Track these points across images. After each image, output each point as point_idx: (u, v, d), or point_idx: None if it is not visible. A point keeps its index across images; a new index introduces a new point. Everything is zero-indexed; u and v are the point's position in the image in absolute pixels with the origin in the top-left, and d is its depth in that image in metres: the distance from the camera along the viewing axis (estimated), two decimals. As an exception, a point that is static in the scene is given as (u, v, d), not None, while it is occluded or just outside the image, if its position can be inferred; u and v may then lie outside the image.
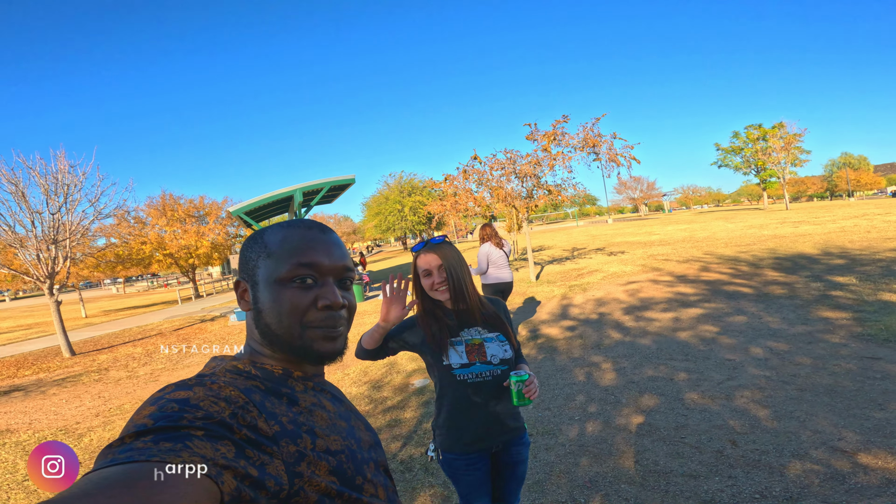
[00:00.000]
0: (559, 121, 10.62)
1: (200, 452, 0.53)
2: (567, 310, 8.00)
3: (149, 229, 24.48)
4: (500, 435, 1.79)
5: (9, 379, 7.70)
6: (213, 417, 0.58)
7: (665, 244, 15.77)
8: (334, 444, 0.74)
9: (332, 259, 0.81)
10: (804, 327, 5.31)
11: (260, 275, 0.79)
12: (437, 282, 1.75)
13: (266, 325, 0.78)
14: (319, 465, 0.69)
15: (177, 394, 0.61)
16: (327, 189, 14.50)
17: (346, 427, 0.82)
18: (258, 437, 0.61)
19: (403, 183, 38.05)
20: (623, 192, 74.29)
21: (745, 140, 38.94)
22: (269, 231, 0.82)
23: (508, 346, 1.79)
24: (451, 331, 1.79)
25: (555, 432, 3.58)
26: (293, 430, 0.68)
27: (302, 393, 0.78)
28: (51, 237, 9.16)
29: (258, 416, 0.64)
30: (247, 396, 0.66)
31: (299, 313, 0.77)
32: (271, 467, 0.61)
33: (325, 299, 0.78)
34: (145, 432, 0.54)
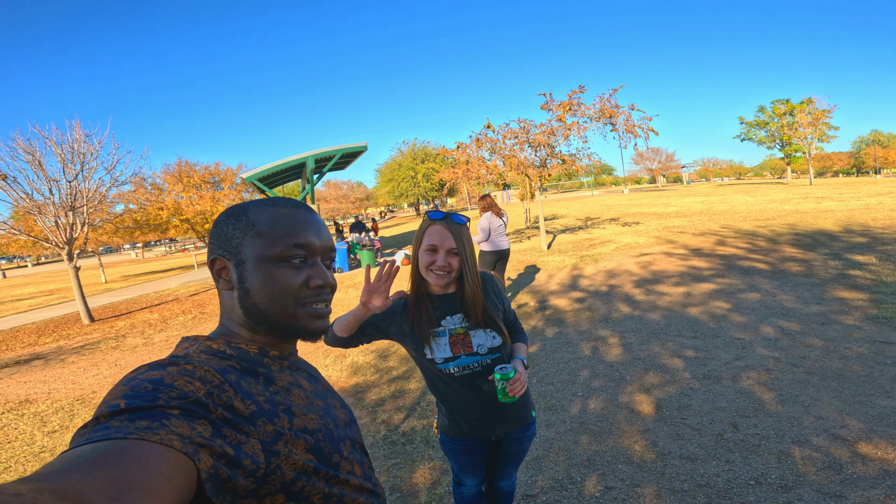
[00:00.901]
0: (575, 91, 10.32)
1: (177, 431, 0.53)
2: (577, 281, 7.95)
3: (165, 195, 24.78)
4: (500, 425, 1.71)
5: (30, 347, 7.94)
6: (188, 397, 0.58)
7: (681, 216, 15.44)
8: (311, 423, 0.75)
9: (321, 238, 0.82)
10: (818, 307, 5.20)
11: (247, 253, 0.77)
12: (439, 264, 1.54)
13: (254, 305, 0.77)
14: (297, 444, 0.70)
15: (150, 374, 0.61)
16: (339, 156, 14.42)
17: (322, 406, 0.83)
18: (234, 417, 0.62)
19: (417, 150, 38.02)
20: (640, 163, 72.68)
21: (771, 115, 37.76)
22: (255, 208, 0.80)
23: (495, 331, 1.65)
24: (431, 320, 1.63)
25: (556, 408, 3.59)
26: (270, 409, 0.69)
27: (278, 372, 0.78)
28: (68, 204, 9.36)
29: (234, 395, 0.65)
30: (222, 376, 0.66)
31: (293, 292, 0.78)
32: (248, 446, 0.61)
33: (318, 279, 0.80)
34: (120, 412, 0.54)
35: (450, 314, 1.63)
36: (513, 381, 1.51)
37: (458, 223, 1.58)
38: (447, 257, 1.54)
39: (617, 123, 10.26)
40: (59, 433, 4.14)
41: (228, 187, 26.15)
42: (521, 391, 1.52)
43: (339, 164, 16.44)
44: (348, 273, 13.19)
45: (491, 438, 1.74)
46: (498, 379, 1.52)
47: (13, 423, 4.43)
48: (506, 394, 1.51)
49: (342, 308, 8.03)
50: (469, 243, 1.60)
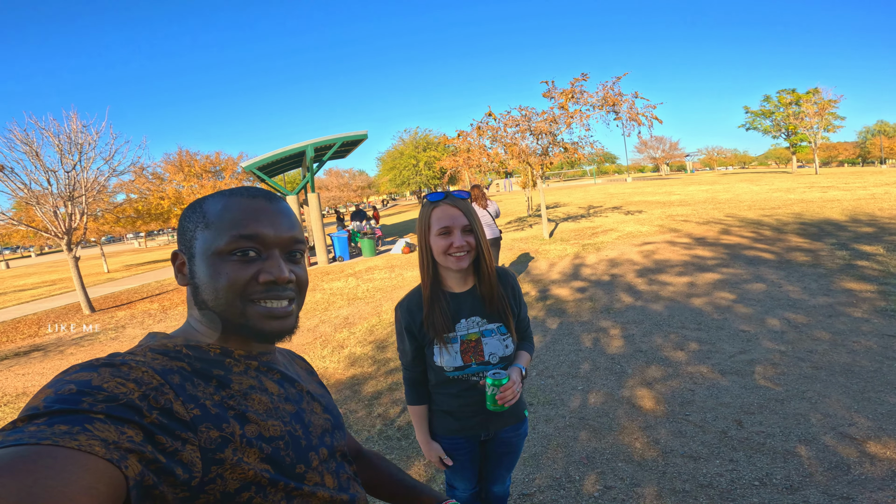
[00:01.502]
0: (578, 79, 10.21)
1: (101, 436, 0.49)
2: (579, 270, 7.86)
3: (166, 185, 24.83)
4: (491, 426, 1.64)
5: (30, 338, 7.91)
6: (117, 399, 0.54)
7: (685, 205, 15.26)
8: (272, 430, 0.70)
9: (277, 230, 0.75)
10: (825, 299, 5.09)
11: (197, 247, 0.73)
12: (457, 245, 1.42)
13: (203, 302, 0.73)
14: (249, 452, 0.65)
15: (79, 375, 0.56)
16: (339, 144, 14.24)
17: (292, 411, 0.76)
18: (171, 423, 0.58)
19: (418, 138, 37.98)
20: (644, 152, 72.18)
21: (777, 104, 37.57)
22: (210, 199, 0.75)
23: (510, 339, 1.55)
24: (447, 322, 1.52)
25: (556, 402, 3.52)
26: (218, 413, 0.64)
27: (239, 374, 0.73)
28: (67, 194, 9.33)
29: (174, 399, 0.60)
30: (162, 378, 0.61)
31: (238, 288, 0.71)
32: (184, 454, 0.57)
33: (268, 273, 0.73)
34: (38, 415, 0.50)
35: (466, 316, 1.54)
36: (504, 389, 1.41)
37: (462, 199, 1.50)
38: (463, 236, 1.45)
39: (620, 111, 10.15)
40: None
41: (229, 176, 26.23)
42: (511, 401, 1.43)
43: (340, 153, 16.27)
44: (349, 262, 13.14)
45: (480, 437, 1.67)
46: (489, 384, 1.42)
47: (9, 417, 4.40)
48: (495, 401, 1.42)
49: (345, 299, 7.97)
50: (478, 218, 1.51)
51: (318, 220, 13.61)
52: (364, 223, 15.71)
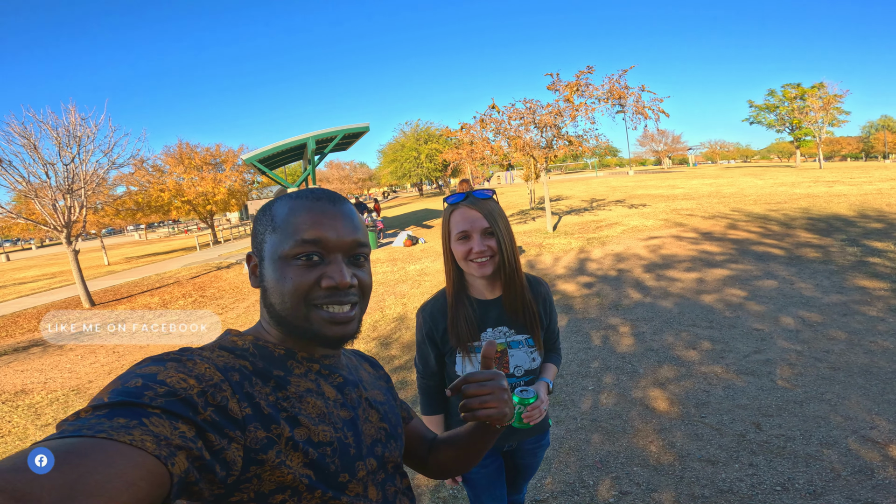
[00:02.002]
0: (583, 71, 10.07)
1: (155, 431, 0.50)
2: (584, 264, 7.77)
3: (167, 177, 24.83)
4: (513, 438, 1.57)
5: (29, 333, 7.85)
6: (177, 394, 0.56)
7: (689, 198, 15.14)
8: (321, 435, 0.70)
9: (339, 234, 0.75)
10: (839, 296, 5.00)
11: (266, 250, 0.75)
12: (476, 250, 1.34)
13: (271, 305, 0.74)
14: (293, 456, 0.65)
15: (147, 368, 0.58)
16: (341, 137, 14.15)
17: (347, 417, 0.76)
18: (223, 420, 0.59)
19: (420, 131, 37.89)
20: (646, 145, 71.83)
21: (782, 98, 37.50)
22: (278, 203, 0.77)
23: (537, 352, 1.46)
24: (472, 329, 1.43)
25: (567, 403, 3.44)
26: (270, 414, 0.65)
27: (299, 377, 0.74)
28: (66, 187, 9.26)
29: (231, 396, 0.62)
30: (223, 375, 0.63)
31: (302, 293, 0.72)
32: (228, 453, 0.58)
33: (330, 279, 0.73)
34: (102, 406, 0.52)
35: (492, 325, 1.45)
36: (531, 408, 1.32)
37: (483, 199, 1.39)
38: (483, 240, 1.35)
39: (626, 105, 10.03)
40: (52, 426, 4.03)
41: (230, 168, 26.15)
42: (537, 419, 1.35)
43: (341, 145, 16.16)
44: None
45: (503, 449, 1.59)
46: (516, 403, 1.32)
47: (7, 416, 4.34)
48: (521, 419, 1.34)
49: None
50: (503, 219, 1.40)
51: (319, 213, 13.52)
52: (365, 216, 15.63)
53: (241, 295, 9.22)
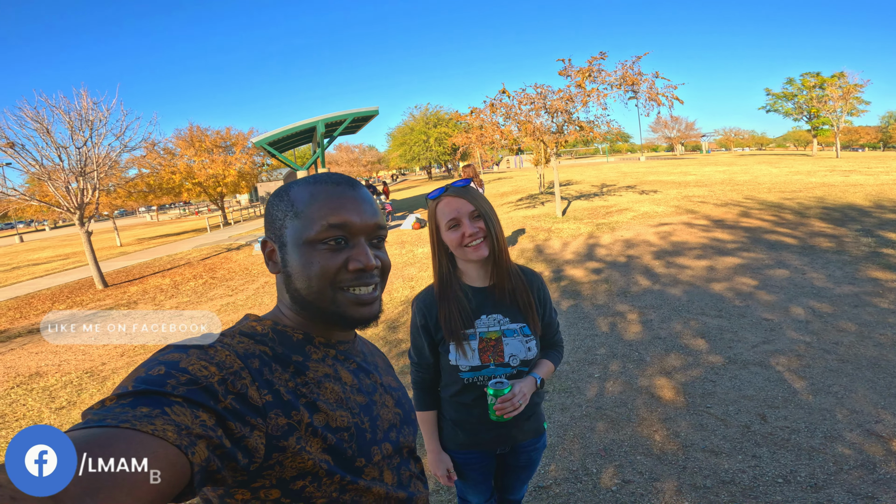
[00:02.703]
0: (595, 57, 9.89)
1: (177, 420, 0.51)
2: (593, 250, 7.72)
3: (178, 160, 25.07)
4: (507, 440, 1.54)
5: (43, 314, 7.91)
6: (198, 382, 0.57)
7: (701, 185, 14.91)
8: (339, 421, 0.71)
9: (363, 217, 0.76)
10: (851, 287, 4.93)
11: (288, 235, 0.74)
12: (469, 233, 1.34)
13: (296, 290, 0.75)
14: (312, 441, 0.66)
15: (170, 356, 0.59)
16: (350, 120, 14.09)
17: (363, 402, 0.77)
18: (243, 408, 0.59)
19: (429, 115, 37.73)
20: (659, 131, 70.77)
21: (800, 87, 36.75)
22: (296, 187, 0.77)
23: (533, 341, 1.44)
24: (467, 317, 1.42)
25: (572, 390, 3.45)
26: (290, 400, 0.66)
27: (317, 362, 0.75)
28: (78, 169, 9.35)
29: (251, 384, 0.62)
30: (243, 362, 0.64)
31: (329, 277, 0.73)
32: (250, 440, 0.59)
33: (357, 261, 0.74)
34: (126, 395, 0.53)
35: (486, 312, 1.44)
36: (502, 400, 1.31)
37: (462, 187, 1.41)
38: (473, 223, 1.36)
39: (639, 91, 9.87)
40: (66, 409, 4.13)
41: (240, 151, 26.31)
42: (511, 414, 1.32)
43: (350, 129, 16.09)
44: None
45: (496, 451, 1.58)
46: (490, 395, 1.32)
47: (22, 399, 4.42)
48: (494, 412, 1.33)
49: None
50: (485, 201, 1.42)
51: (328, 196, 13.56)
52: (374, 198, 15.61)
53: (251, 276, 9.30)
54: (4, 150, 8.81)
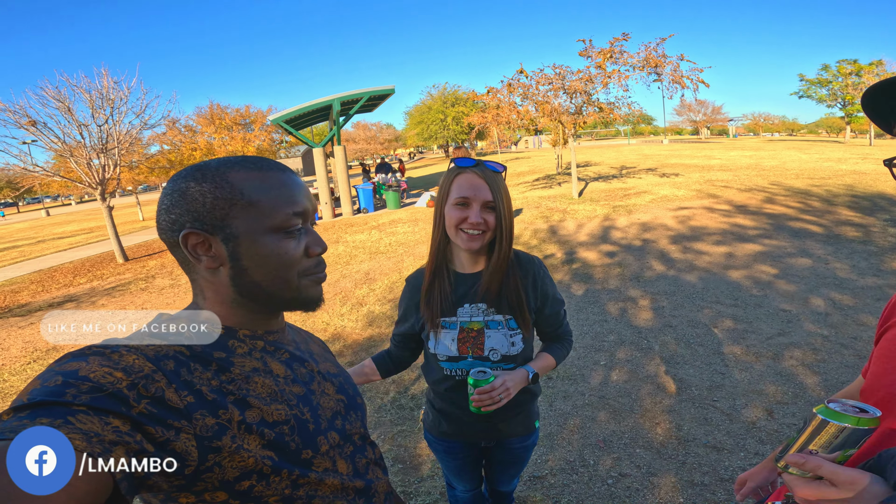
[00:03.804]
0: (617, 38, 9.57)
1: (84, 428, 0.48)
2: (608, 232, 7.57)
3: (198, 136, 25.59)
4: (492, 434, 1.47)
5: (65, 288, 8.12)
6: (102, 390, 0.53)
7: (726, 170, 14.44)
8: (275, 415, 0.68)
9: (311, 202, 0.76)
10: (875, 279, 4.71)
11: (240, 227, 0.68)
12: (472, 221, 1.24)
13: (254, 283, 0.71)
14: (248, 439, 0.64)
15: (68, 365, 0.55)
16: (366, 99, 13.94)
17: (300, 393, 0.75)
18: (161, 411, 0.57)
19: (447, 94, 37.48)
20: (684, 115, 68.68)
21: (836, 73, 35.25)
22: (236, 173, 0.69)
23: (518, 336, 1.33)
24: (447, 304, 1.34)
25: (576, 378, 3.40)
26: (215, 399, 0.63)
27: (242, 356, 0.71)
28: (100, 146, 9.54)
29: (167, 386, 0.59)
30: (154, 364, 0.60)
31: (295, 265, 0.72)
32: (177, 443, 0.56)
33: (318, 246, 0.75)
34: (22, 408, 0.50)
35: (471, 301, 1.34)
36: (480, 392, 1.22)
37: (493, 171, 1.29)
38: (482, 212, 1.25)
39: (663, 73, 9.56)
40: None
41: (259, 129, 26.60)
42: (490, 407, 1.24)
43: (367, 107, 15.94)
44: (373, 214, 13.12)
45: (480, 444, 1.53)
46: (469, 385, 1.24)
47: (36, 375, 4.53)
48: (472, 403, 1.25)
49: (367, 253, 7.91)
50: (507, 198, 1.30)
51: (343, 171, 13.59)
52: (389, 176, 15.58)
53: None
54: (27, 127, 9.01)
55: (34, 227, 23.92)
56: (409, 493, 2.41)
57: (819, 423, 0.66)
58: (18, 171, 10.23)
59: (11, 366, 4.71)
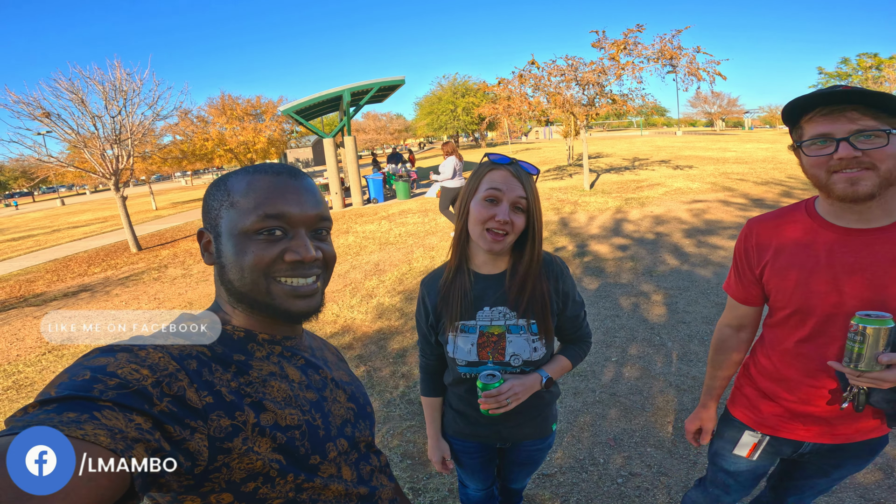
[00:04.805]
0: (632, 30, 9.45)
1: (109, 424, 0.49)
2: (620, 225, 7.48)
3: (210, 127, 25.86)
4: (506, 437, 1.46)
5: (79, 277, 8.21)
6: (128, 386, 0.54)
7: (741, 163, 14.17)
8: (288, 419, 0.69)
9: (303, 208, 0.73)
10: None
11: (223, 226, 0.72)
12: (500, 218, 1.17)
13: (230, 281, 0.73)
14: (260, 442, 0.64)
15: (96, 360, 0.56)
16: (376, 89, 13.87)
17: (313, 399, 0.76)
18: (181, 411, 0.57)
19: (457, 84, 37.39)
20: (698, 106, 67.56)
21: (856, 67, 34.56)
22: (235, 176, 0.74)
23: (541, 341, 1.29)
24: (467, 306, 1.29)
25: (587, 374, 3.36)
26: (233, 401, 0.64)
27: (261, 360, 0.72)
28: (113, 137, 9.67)
29: (188, 385, 0.60)
30: (179, 363, 0.61)
31: (262, 267, 0.71)
32: (191, 443, 0.57)
33: (295, 253, 0.72)
34: (50, 401, 0.50)
35: (491, 304, 1.29)
36: (487, 395, 1.21)
37: (528, 173, 1.23)
38: (511, 212, 1.19)
39: (678, 66, 9.44)
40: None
41: (270, 119, 26.79)
42: (497, 410, 1.22)
43: (377, 98, 15.86)
44: (383, 204, 13.13)
45: (496, 445, 1.52)
46: (479, 388, 1.23)
47: (52, 366, 4.53)
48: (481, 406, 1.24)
49: (377, 244, 7.90)
50: (538, 200, 1.24)
51: (353, 161, 13.59)
52: (399, 166, 15.57)
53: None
54: (41, 119, 9.13)
55: (49, 217, 24.28)
56: (417, 490, 2.40)
57: (876, 331, 0.98)
58: (33, 162, 10.39)
59: (27, 356, 4.78)
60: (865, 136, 1.00)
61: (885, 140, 0.99)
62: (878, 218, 1.09)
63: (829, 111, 1.05)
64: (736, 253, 1.34)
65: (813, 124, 1.08)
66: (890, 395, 1.08)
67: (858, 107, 1.02)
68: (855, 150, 1.00)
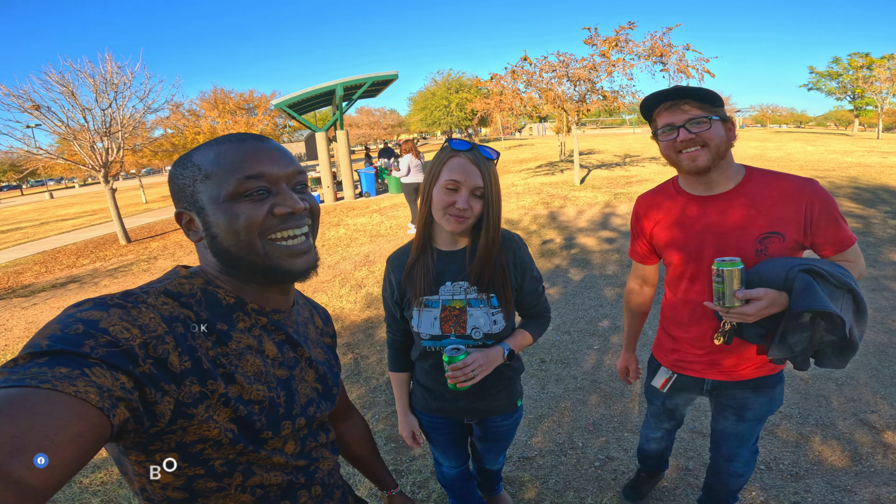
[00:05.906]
0: (623, 27, 9.50)
1: (98, 382, 0.50)
2: (608, 219, 7.58)
3: (202, 121, 25.61)
4: (473, 412, 1.51)
5: (68, 269, 8.19)
6: (118, 345, 0.55)
7: (730, 158, 14.31)
8: (254, 395, 0.71)
9: (280, 166, 0.75)
10: (871, 270, 4.73)
11: (204, 199, 0.72)
12: (460, 206, 1.23)
13: (225, 250, 0.73)
14: (221, 411, 0.66)
15: (89, 313, 0.57)
16: (369, 84, 13.86)
17: (283, 377, 0.77)
18: (160, 374, 0.58)
19: (451, 80, 37.30)
20: (688, 104, 67.92)
21: (847, 66, 34.81)
22: (199, 151, 0.74)
23: (500, 314, 1.35)
24: (429, 282, 1.35)
25: (569, 361, 3.46)
26: (209, 369, 0.65)
27: (241, 332, 0.73)
28: (103, 130, 9.64)
29: (173, 349, 0.61)
30: (168, 326, 0.62)
31: (256, 225, 0.72)
32: (160, 406, 0.58)
33: (284, 206, 0.73)
34: (41, 354, 0.51)
35: (452, 279, 1.35)
36: (454, 368, 1.25)
37: (487, 158, 1.28)
38: (470, 199, 1.24)
39: (668, 63, 9.52)
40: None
41: (262, 113, 26.57)
42: (464, 384, 1.27)
43: (370, 92, 15.84)
44: (374, 198, 13.17)
45: (463, 422, 1.58)
46: (444, 361, 1.27)
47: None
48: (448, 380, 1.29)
49: (368, 236, 7.95)
50: (497, 185, 1.30)
51: (346, 156, 13.60)
52: (391, 161, 15.58)
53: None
54: (31, 111, 9.07)
55: (38, 210, 24.04)
56: (400, 472, 2.49)
57: (730, 272, 1.20)
58: (22, 154, 10.32)
59: (14, 346, 4.79)
60: (696, 123, 1.30)
61: (709, 125, 1.30)
62: (720, 185, 1.40)
63: (671, 105, 1.33)
64: (631, 224, 1.67)
65: (661, 117, 1.36)
66: (759, 330, 1.32)
67: (689, 101, 1.31)
68: (690, 133, 1.30)
